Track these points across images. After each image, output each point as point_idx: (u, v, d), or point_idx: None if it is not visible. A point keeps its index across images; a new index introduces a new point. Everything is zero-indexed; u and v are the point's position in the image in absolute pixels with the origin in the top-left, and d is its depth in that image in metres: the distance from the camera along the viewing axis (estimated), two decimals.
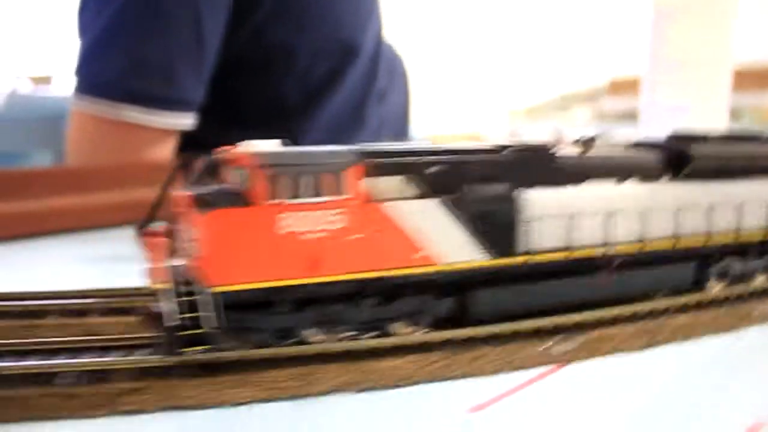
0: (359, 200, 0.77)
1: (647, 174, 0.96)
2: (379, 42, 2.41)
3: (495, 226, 0.84)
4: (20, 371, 0.71)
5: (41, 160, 2.34)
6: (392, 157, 0.81)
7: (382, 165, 0.80)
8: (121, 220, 1.71)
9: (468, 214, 0.82)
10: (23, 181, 1.65)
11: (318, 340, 0.79)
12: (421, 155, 0.82)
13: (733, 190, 0.98)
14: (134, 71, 1.82)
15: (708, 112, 1.55)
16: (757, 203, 1.00)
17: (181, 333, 0.73)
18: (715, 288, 1.00)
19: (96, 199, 1.70)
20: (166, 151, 1.95)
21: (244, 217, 0.73)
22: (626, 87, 5.94)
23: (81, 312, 0.95)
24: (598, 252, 0.90)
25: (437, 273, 0.82)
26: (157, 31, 1.81)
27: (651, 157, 0.97)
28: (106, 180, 1.72)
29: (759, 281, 1.04)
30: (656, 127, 1.56)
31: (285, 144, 0.82)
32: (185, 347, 0.73)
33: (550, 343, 0.82)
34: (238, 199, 0.74)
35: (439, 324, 0.84)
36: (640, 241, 0.93)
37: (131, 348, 0.80)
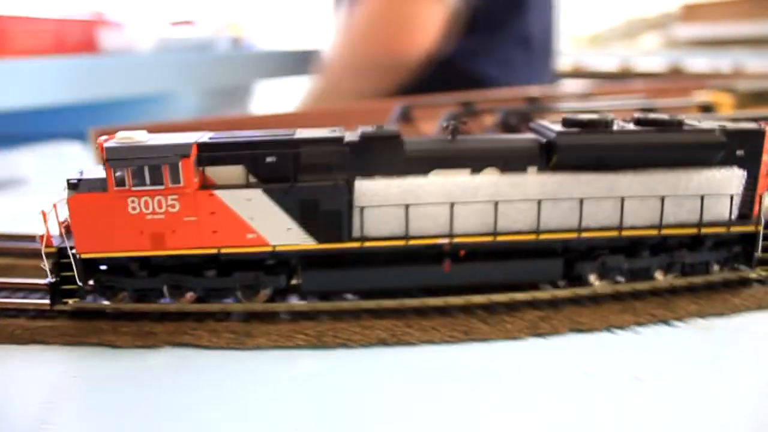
0: (192, 188, 0.91)
1: (511, 164, 0.93)
2: None
3: (321, 214, 0.92)
4: None
5: (188, 99, 2.74)
6: (229, 149, 0.92)
7: (219, 156, 0.92)
8: None
9: (294, 203, 0.91)
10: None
11: (186, 300, 0.97)
12: (258, 147, 0.92)
13: (617, 184, 0.91)
14: None
15: None
16: (649, 198, 0.91)
17: (61, 287, 0.95)
18: (597, 284, 0.95)
19: None
20: (436, 25, 2.19)
21: (99, 201, 0.92)
22: (701, 13, 4.84)
23: None
24: (441, 241, 0.92)
25: (266, 253, 0.93)
26: None
27: (522, 146, 0.94)
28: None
29: (658, 278, 0.95)
30: None
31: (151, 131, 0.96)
32: (65, 299, 0.95)
33: None
34: (96, 185, 0.93)
35: (276, 297, 0.96)
36: (492, 233, 0.92)
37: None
